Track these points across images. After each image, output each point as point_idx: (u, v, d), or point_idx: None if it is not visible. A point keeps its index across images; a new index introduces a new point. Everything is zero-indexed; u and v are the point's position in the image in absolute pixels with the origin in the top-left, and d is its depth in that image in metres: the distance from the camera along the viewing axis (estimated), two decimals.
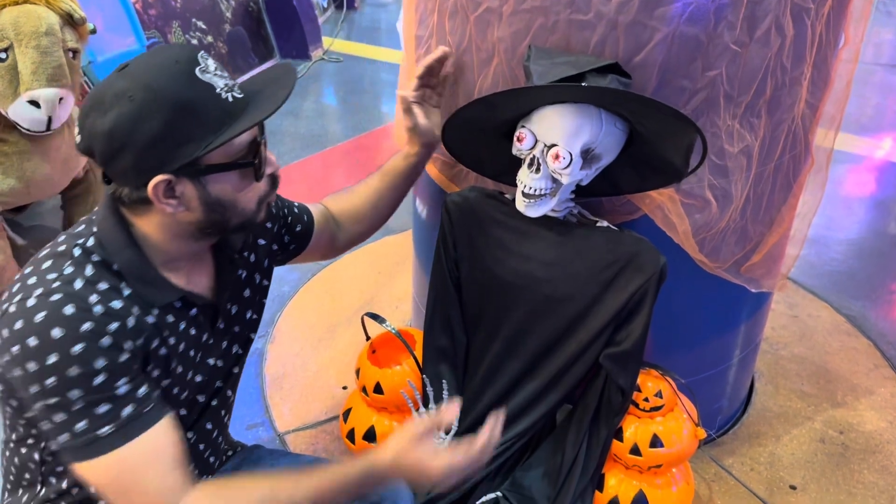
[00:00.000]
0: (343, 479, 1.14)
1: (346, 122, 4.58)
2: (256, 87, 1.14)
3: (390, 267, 2.93)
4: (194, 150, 1.04)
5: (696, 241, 1.64)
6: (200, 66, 1.04)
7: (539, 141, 1.41)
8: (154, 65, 1.04)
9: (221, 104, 1.05)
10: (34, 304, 1.02)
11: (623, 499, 1.68)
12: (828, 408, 2.19)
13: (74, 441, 1.03)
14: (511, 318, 1.70)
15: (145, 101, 1.00)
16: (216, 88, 1.05)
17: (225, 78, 1.07)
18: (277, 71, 1.19)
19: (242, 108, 1.08)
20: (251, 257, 1.36)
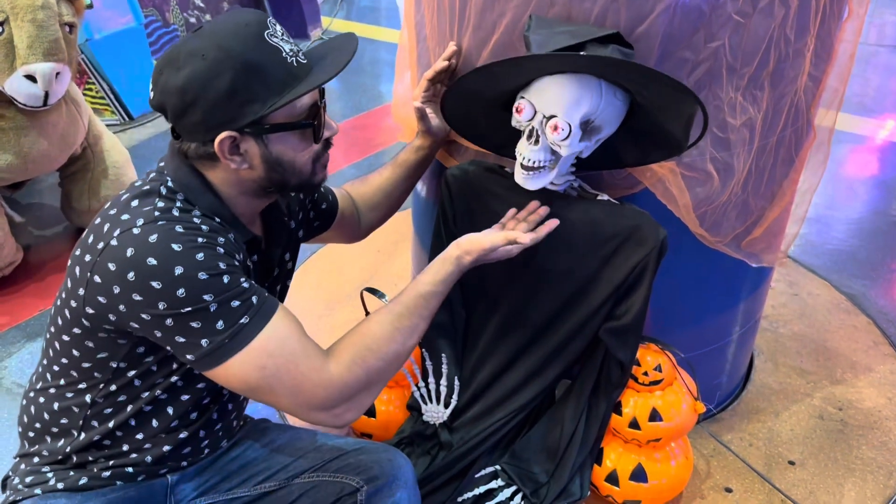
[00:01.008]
0: (431, 277, 1.32)
1: (345, 102, 4.55)
2: (319, 54, 1.22)
3: (389, 245, 2.93)
4: (259, 108, 1.11)
5: (696, 215, 1.63)
6: (269, 31, 1.11)
7: (538, 112, 1.40)
8: (226, 26, 1.10)
9: (287, 67, 1.12)
10: (141, 231, 1.09)
11: (622, 472, 1.69)
12: (827, 385, 2.20)
13: (216, 341, 1.10)
14: (510, 292, 1.69)
15: (217, 60, 1.07)
16: (282, 52, 1.12)
17: (291, 43, 1.15)
18: (340, 40, 1.26)
19: (306, 72, 1.15)
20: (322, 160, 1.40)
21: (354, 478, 1.38)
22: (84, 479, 1.25)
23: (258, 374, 1.13)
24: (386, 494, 1.35)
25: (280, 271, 1.42)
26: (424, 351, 1.81)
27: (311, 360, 1.16)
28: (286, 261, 1.44)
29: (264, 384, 1.14)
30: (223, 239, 1.15)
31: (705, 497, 1.82)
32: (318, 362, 1.16)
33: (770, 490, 1.84)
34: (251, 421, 1.53)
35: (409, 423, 1.82)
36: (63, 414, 1.25)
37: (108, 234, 1.11)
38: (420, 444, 1.77)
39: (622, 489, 1.69)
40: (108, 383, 1.21)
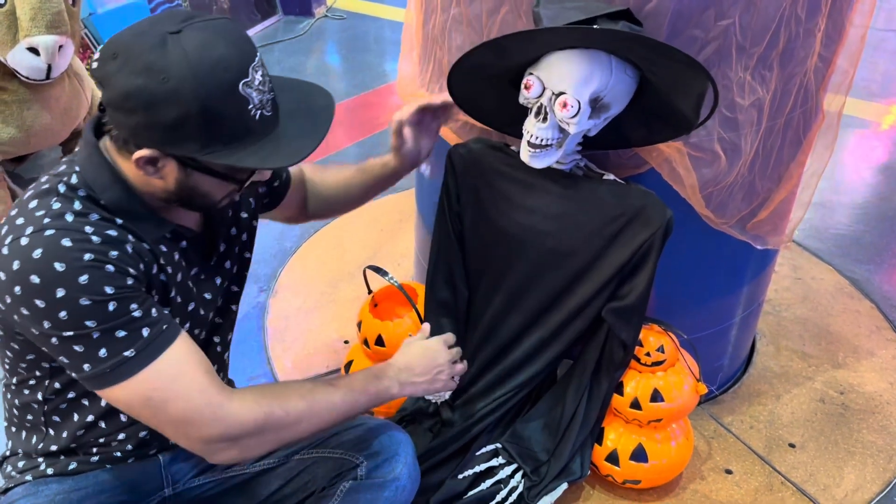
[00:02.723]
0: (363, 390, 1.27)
1: (349, 80, 4.52)
2: (291, 105, 1.11)
3: (392, 224, 2.92)
4: (195, 149, 1.03)
5: (702, 196, 1.63)
6: (247, 80, 1.02)
7: (547, 89, 1.38)
8: (206, 58, 0.99)
9: (246, 121, 1.04)
10: (28, 241, 1.01)
11: (622, 452, 1.69)
12: (829, 368, 2.20)
13: (99, 368, 1.04)
14: (514, 271, 1.69)
15: (175, 92, 0.97)
16: (250, 104, 1.03)
17: (264, 93, 1.05)
18: (319, 101, 1.16)
19: (265, 129, 1.06)
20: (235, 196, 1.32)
21: (354, 453, 1.38)
22: (73, 463, 1.24)
23: (142, 403, 1.08)
24: (386, 470, 1.35)
25: (229, 247, 1.33)
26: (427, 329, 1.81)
27: (206, 395, 1.09)
28: (234, 236, 1.34)
29: (149, 413, 1.09)
30: (117, 252, 1.04)
31: (705, 478, 1.83)
32: (214, 397, 1.10)
33: (770, 472, 1.85)
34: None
35: (410, 401, 1.83)
36: (27, 410, 1.22)
37: (2, 238, 1.04)
38: (421, 422, 1.78)
39: (622, 469, 1.70)
40: (51, 381, 1.17)
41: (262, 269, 2.63)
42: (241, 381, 2.09)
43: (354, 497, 1.33)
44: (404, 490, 1.35)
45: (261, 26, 5.26)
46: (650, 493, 1.77)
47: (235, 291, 1.38)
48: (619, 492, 1.77)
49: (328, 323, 2.36)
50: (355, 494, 1.33)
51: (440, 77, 1.76)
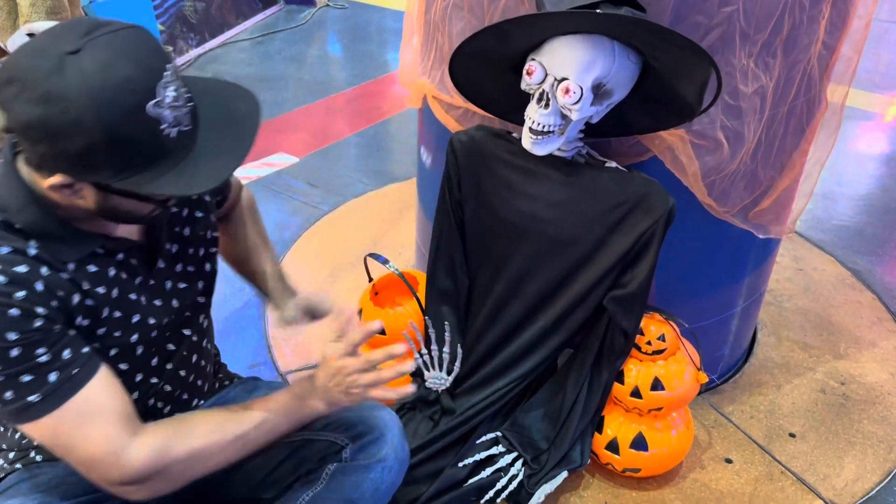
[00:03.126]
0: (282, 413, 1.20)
1: (350, 70, 4.51)
2: (213, 113, 1.04)
3: (393, 214, 2.92)
4: (109, 177, 0.96)
5: (705, 185, 1.62)
6: (156, 100, 0.94)
7: (549, 75, 1.38)
8: (106, 84, 0.91)
9: (160, 142, 0.96)
10: None
11: (622, 440, 1.69)
12: (830, 359, 2.19)
13: (6, 408, 1.02)
14: (515, 259, 1.68)
15: (77, 121, 0.91)
16: (162, 124, 0.95)
17: (178, 108, 0.97)
18: (242, 106, 1.07)
19: (184, 147, 0.99)
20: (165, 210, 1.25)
21: (339, 435, 1.38)
22: None
23: (50, 444, 1.06)
24: (372, 451, 1.34)
25: (182, 249, 1.26)
26: (428, 318, 1.81)
27: (109, 442, 1.06)
28: (186, 237, 1.26)
29: (58, 452, 1.07)
30: (24, 293, 0.98)
31: (705, 467, 1.83)
32: (117, 445, 1.06)
33: (770, 461, 1.84)
34: (240, 380, 1.53)
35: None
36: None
37: None
38: (422, 410, 1.77)
39: (622, 457, 1.70)
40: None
41: None
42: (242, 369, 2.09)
43: (340, 479, 1.33)
44: (391, 471, 1.34)
45: (262, 15, 5.25)
46: (650, 482, 1.77)
47: (195, 293, 1.30)
48: (619, 480, 1.77)
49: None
50: (341, 477, 1.33)
51: (441, 64, 1.75)
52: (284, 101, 3.98)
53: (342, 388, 1.19)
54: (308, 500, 1.33)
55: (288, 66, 4.47)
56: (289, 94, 4.06)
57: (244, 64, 4.51)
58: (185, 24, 4.48)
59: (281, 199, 3.02)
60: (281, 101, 3.97)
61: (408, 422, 1.76)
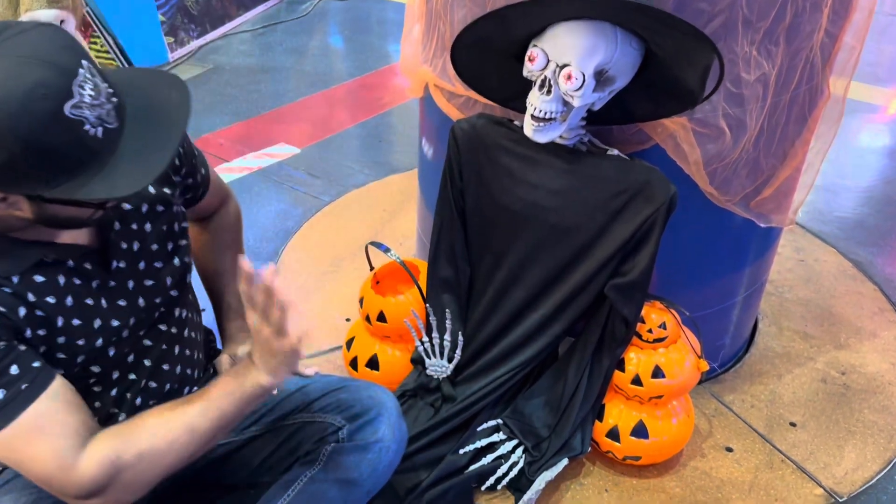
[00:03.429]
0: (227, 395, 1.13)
1: (351, 61, 4.50)
2: (140, 106, 0.99)
3: (395, 205, 2.92)
4: (40, 187, 0.92)
5: (706, 173, 1.62)
6: (73, 101, 0.89)
7: (551, 61, 1.37)
8: (16, 92, 0.86)
9: (86, 143, 0.92)
10: None
11: (623, 428, 1.69)
12: (830, 349, 2.19)
13: None
14: (516, 247, 1.68)
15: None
16: (85, 125, 0.91)
17: (100, 105, 0.92)
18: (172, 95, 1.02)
19: (111, 145, 0.94)
20: (149, 188, 1.22)
21: (336, 417, 1.38)
22: None
23: (5, 458, 1.05)
24: (369, 432, 1.35)
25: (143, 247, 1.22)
26: (429, 306, 1.81)
27: (59, 458, 1.04)
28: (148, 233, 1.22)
29: (15, 467, 1.07)
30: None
31: (706, 455, 1.83)
32: (68, 460, 1.04)
33: (770, 450, 1.85)
34: None
35: (412, 377, 1.83)
36: None
37: None
38: (423, 397, 1.78)
39: (623, 445, 1.70)
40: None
41: (264, 248, 2.63)
42: None
43: (337, 460, 1.33)
44: (388, 450, 1.34)
45: (263, 7, 5.23)
46: (650, 470, 1.78)
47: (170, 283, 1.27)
48: (620, 468, 1.78)
49: (330, 301, 2.36)
50: (338, 457, 1.33)
51: (443, 52, 1.75)
52: (285, 92, 3.97)
53: (266, 349, 1.11)
54: (306, 480, 1.34)
55: (289, 58, 4.46)
56: (290, 86, 4.06)
57: (245, 55, 4.50)
58: (186, 16, 4.47)
59: (282, 189, 3.02)
60: (282, 92, 3.97)
61: (408, 409, 1.76)
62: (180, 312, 1.33)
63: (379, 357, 1.86)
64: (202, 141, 3.41)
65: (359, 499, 1.37)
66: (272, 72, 4.25)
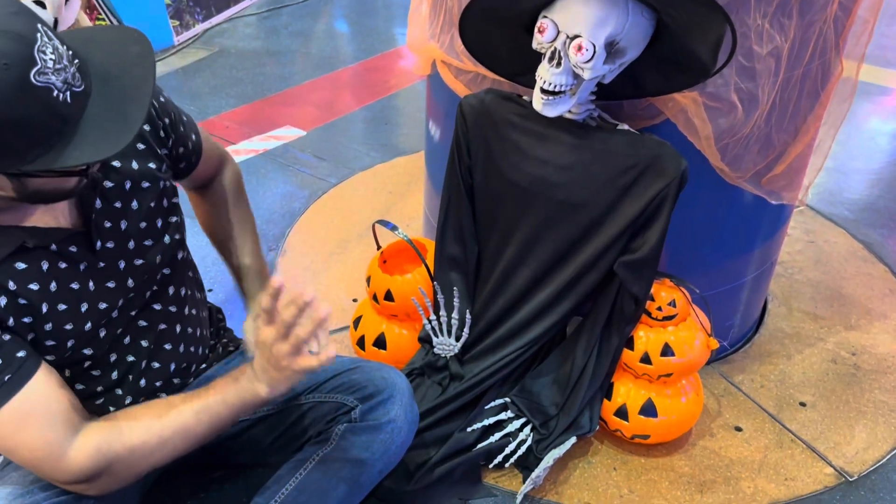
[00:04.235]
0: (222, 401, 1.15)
1: (357, 45, 4.48)
2: (104, 63, 0.96)
3: (401, 187, 2.90)
4: (16, 163, 0.90)
5: (718, 149, 1.60)
6: (37, 67, 0.86)
7: (561, 32, 1.35)
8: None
9: (57, 110, 0.89)
10: None
11: (631, 407, 1.68)
12: (841, 330, 2.18)
13: None
14: (525, 224, 1.67)
15: None
16: (53, 91, 0.88)
17: (63, 70, 0.89)
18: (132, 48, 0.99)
19: (80, 107, 0.92)
20: (132, 164, 1.20)
21: (348, 397, 1.38)
22: None
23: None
24: (381, 412, 1.35)
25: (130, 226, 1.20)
26: (436, 284, 1.80)
27: (48, 446, 1.05)
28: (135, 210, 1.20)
29: (5, 454, 1.08)
30: None
31: (715, 435, 1.82)
32: (57, 449, 1.06)
33: (780, 430, 1.84)
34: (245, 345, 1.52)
35: (419, 355, 1.82)
36: None
37: None
38: (431, 376, 1.77)
39: (631, 423, 1.69)
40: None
41: (270, 230, 2.62)
42: None
43: (350, 440, 1.33)
44: (401, 431, 1.35)
45: None
46: (659, 449, 1.77)
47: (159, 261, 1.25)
48: (628, 447, 1.77)
49: (337, 282, 2.35)
50: (350, 437, 1.33)
51: (450, 27, 1.73)
52: (291, 75, 3.95)
53: (272, 363, 1.12)
54: (318, 459, 1.34)
55: (294, 41, 4.44)
56: (295, 69, 4.04)
57: (251, 38, 4.48)
58: None
59: (288, 171, 3.01)
60: (287, 75, 3.95)
61: (416, 387, 1.76)
62: (177, 290, 1.32)
63: (386, 336, 1.85)
64: (208, 123, 3.39)
65: (371, 478, 1.37)
66: (278, 55, 4.23)
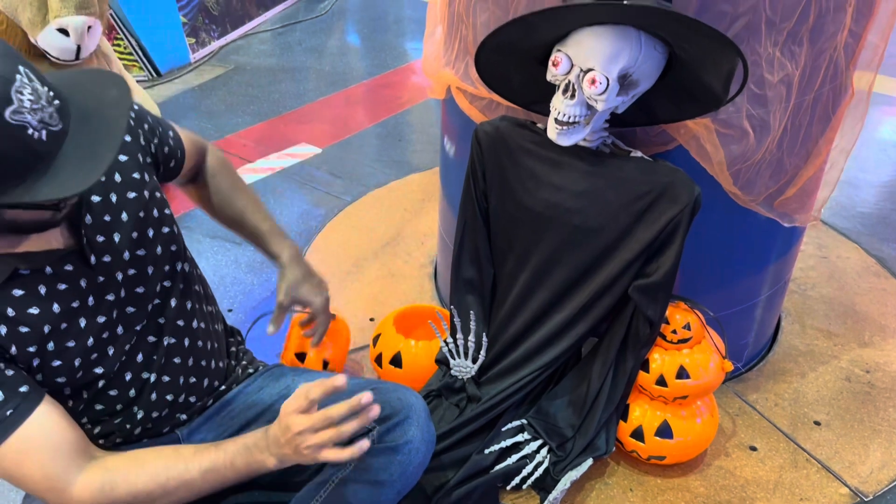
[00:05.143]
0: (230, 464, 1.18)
1: (369, 60, 4.52)
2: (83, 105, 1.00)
3: (416, 204, 2.94)
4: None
5: (730, 173, 1.62)
6: (13, 107, 0.90)
7: (575, 65, 1.38)
8: None
9: (31, 147, 0.92)
10: None
11: (647, 428, 1.70)
12: (855, 347, 2.19)
13: None
14: (540, 249, 1.70)
15: None
16: (28, 129, 0.91)
17: (41, 109, 0.93)
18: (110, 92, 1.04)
19: (56, 146, 0.95)
20: (115, 177, 1.22)
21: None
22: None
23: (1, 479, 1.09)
24: (398, 434, 1.36)
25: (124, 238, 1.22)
26: (453, 307, 1.83)
27: (52, 481, 1.08)
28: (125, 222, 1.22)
29: (14, 484, 1.10)
30: None
31: (730, 455, 1.84)
32: (60, 483, 1.08)
33: (795, 449, 1.85)
34: (265, 367, 1.55)
35: (437, 377, 1.85)
36: None
37: None
38: (448, 397, 1.80)
39: (647, 445, 1.71)
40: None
41: None
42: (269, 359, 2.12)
43: (368, 461, 1.35)
44: (418, 452, 1.36)
45: (282, 6, 5.27)
46: (675, 469, 1.79)
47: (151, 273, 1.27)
48: (644, 468, 1.79)
49: (353, 301, 2.38)
50: (368, 459, 1.35)
51: (465, 55, 1.76)
52: (305, 91, 4.00)
53: (292, 446, 1.14)
54: (336, 482, 1.36)
55: (308, 57, 4.49)
56: (310, 85, 4.08)
57: (266, 55, 4.54)
58: (207, 16, 4.51)
59: (304, 189, 3.05)
60: (302, 91, 4.00)
61: (434, 409, 1.79)
62: (181, 303, 1.34)
63: (402, 356, 1.87)
64: (225, 141, 3.44)
65: (389, 499, 1.39)
66: (292, 71, 4.28)
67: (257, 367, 1.56)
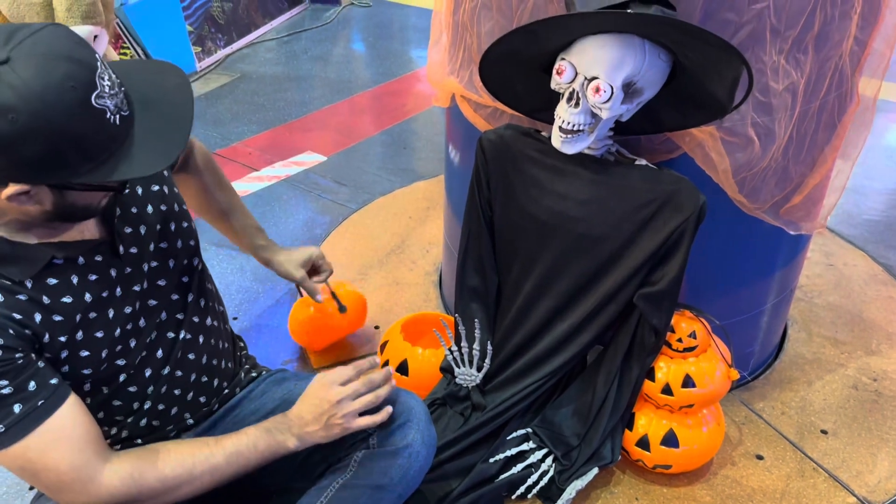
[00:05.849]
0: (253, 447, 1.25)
1: (375, 68, 4.53)
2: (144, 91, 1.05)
3: (421, 212, 2.94)
4: (68, 175, 0.99)
5: (735, 181, 1.62)
6: (97, 91, 0.96)
7: (579, 74, 1.38)
8: (49, 85, 0.92)
9: (108, 130, 0.99)
10: None
11: (653, 437, 1.69)
12: (862, 355, 2.18)
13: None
14: (545, 257, 1.69)
15: (29, 128, 0.92)
16: (107, 113, 0.98)
17: (115, 96, 0.99)
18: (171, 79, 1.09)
19: (127, 129, 1.02)
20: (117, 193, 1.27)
21: None
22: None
23: (16, 471, 1.10)
24: (398, 437, 1.36)
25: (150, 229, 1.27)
26: (457, 316, 1.83)
27: (76, 470, 1.10)
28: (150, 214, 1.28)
29: (25, 478, 1.12)
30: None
31: (736, 464, 1.82)
32: (86, 472, 1.10)
33: (802, 458, 1.84)
34: (269, 372, 1.56)
35: (441, 385, 1.84)
36: None
37: None
38: (453, 406, 1.79)
39: (653, 454, 1.70)
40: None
41: None
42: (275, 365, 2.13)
43: (369, 466, 1.35)
44: (419, 456, 1.36)
45: (288, 14, 5.29)
46: (680, 478, 1.78)
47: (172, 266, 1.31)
48: (650, 476, 1.78)
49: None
50: (369, 463, 1.35)
51: (470, 63, 1.76)
52: (311, 100, 4.01)
53: (323, 420, 1.27)
54: (337, 487, 1.36)
55: (314, 65, 4.50)
56: (315, 94, 4.10)
57: (271, 63, 4.55)
58: (213, 25, 4.53)
59: (309, 197, 3.05)
60: (308, 100, 4.01)
61: (438, 417, 1.78)
62: (197, 300, 1.37)
63: (409, 363, 1.87)
64: (231, 150, 3.45)
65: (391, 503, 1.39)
66: (298, 80, 4.30)
67: (260, 372, 1.57)
